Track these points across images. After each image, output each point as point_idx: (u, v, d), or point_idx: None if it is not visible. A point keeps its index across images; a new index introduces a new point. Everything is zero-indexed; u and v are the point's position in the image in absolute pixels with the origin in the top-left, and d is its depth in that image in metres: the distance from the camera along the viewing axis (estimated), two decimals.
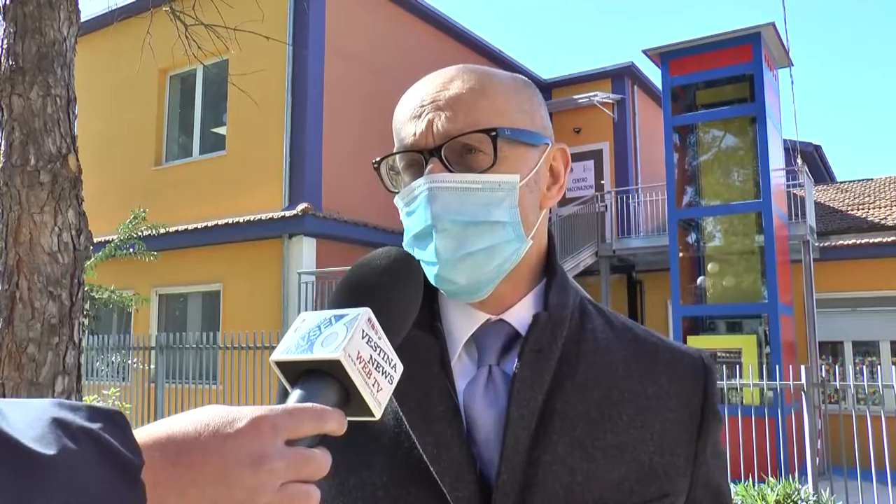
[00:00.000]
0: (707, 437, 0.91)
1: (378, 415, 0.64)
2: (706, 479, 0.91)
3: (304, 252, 10.81)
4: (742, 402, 9.46)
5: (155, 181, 12.70)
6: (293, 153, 11.33)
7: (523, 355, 0.85)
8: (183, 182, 12.44)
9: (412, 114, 0.89)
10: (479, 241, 0.85)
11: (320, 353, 0.61)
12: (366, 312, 0.65)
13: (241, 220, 11.01)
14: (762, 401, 7.98)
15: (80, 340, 3.10)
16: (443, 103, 0.87)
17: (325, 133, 11.27)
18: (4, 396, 2.92)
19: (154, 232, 9.07)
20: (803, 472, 6.94)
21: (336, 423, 0.60)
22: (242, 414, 0.57)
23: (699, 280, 11.97)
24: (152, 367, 9.59)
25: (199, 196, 12.04)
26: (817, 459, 7.35)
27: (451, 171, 0.85)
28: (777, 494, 5.43)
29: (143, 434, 0.56)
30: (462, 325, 0.90)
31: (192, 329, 11.17)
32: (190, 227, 11.41)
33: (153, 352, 9.63)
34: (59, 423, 0.50)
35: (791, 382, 7.01)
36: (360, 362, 0.62)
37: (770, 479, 5.76)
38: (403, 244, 0.91)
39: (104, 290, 8.70)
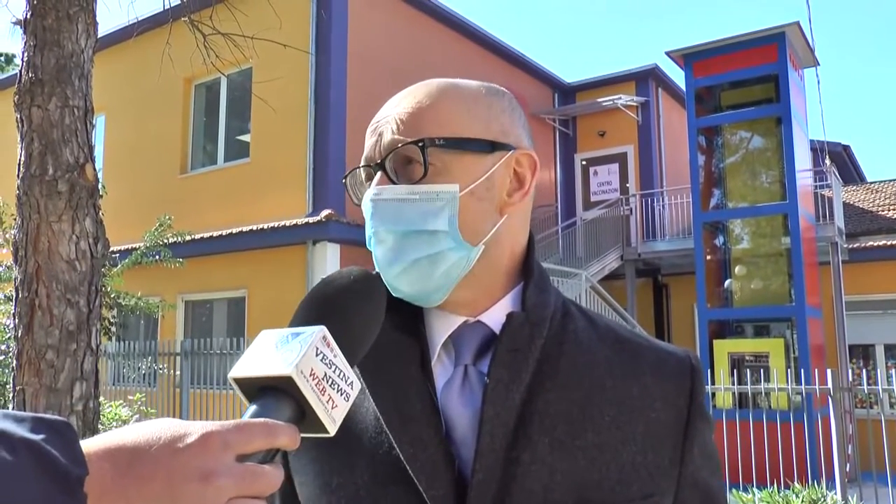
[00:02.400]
0: (694, 438, 0.91)
1: (332, 431, 0.64)
2: (693, 479, 0.90)
3: (329, 258, 10.87)
4: (769, 407, 9.35)
5: (180, 189, 12.86)
6: (316, 159, 11.41)
7: (498, 355, 0.86)
8: (208, 189, 12.58)
9: (370, 130, 0.94)
10: (417, 250, 0.87)
11: (273, 369, 0.62)
12: (321, 330, 0.66)
13: (266, 227, 11.10)
14: (789, 405, 7.86)
15: (97, 347, 3.15)
16: (391, 118, 0.91)
17: (348, 139, 11.34)
18: (24, 402, 2.98)
19: (180, 239, 9.18)
20: (832, 478, 6.83)
21: (287, 438, 0.60)
22: (193, 429, 0.57)
23: (726, 283, 11.84)
24: (178, 373, 9.70)
25: (223, 203, 12.16)
26: (847, 465, 7.22)
27: (395, 183, 0.88)
28: (802, 500, 5.35)
29: (95, 444, 0.56)
30: (441, 327, 0.92)
31: (218, 335, 11.27)
32: (215, 234, 11.53)
33: (178, 358, 9.74)
34: None
35: (817, 387, 6.90)
36: (313, 379, 0.63)
37: (795, 485, 5.68)
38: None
39: (131, 296, 8.83)
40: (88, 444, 0.56)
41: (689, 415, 0.91)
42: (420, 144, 0.87)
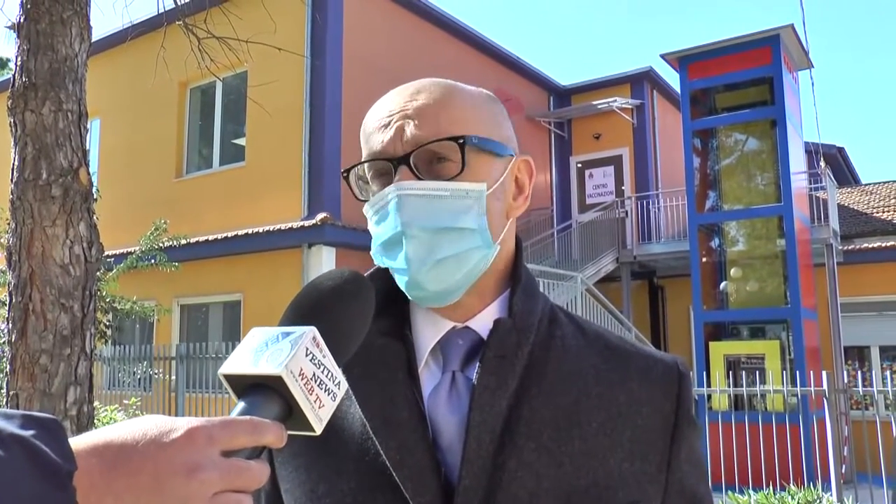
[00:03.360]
0: (681, 444, 0.91)
1: (318, 430, 0.65)
2: (680, 485, 0.90)
3: (324, 261, 10.85)
4: (765, 409, 9.36)
5: (176, 192, 12.84)
6: (312, 163, 11.40)
7: (485, 361, 0.86)
8: (203, 193, 12.56)
9: (380, 123, 0.90)
10: (448, 247, 0.86)
11: (263, 368, 0.63)
12: (311, 331, 0.66)
13: (261, 231, 11.09)
14: (785, 407, 7.87)
15: (91, 351, 3.14)
16: (411, 112, 0.88)
17: (344, 142, 11.33)
18: (18, 406, 2.96)
19: (175, 243, 9.15)
20: (828, 480, 6.84)
21: (273, 436, 0.61)
22: (179, 424, 0.58)
23: (721, 285, 11.86)
24: (173, 377, 9.68)
25: (219, 207, 12.15)
26: (842, 467, 7.23)
27: (419, 179, 0.86)
28: (798, 502, 5.35)
29: (83, 441, 0.57)
30: (428, 332, 0.91)
31: (214, 339, 11.25)
32: (210, 237, 11.51)
33: (174, 362, 9.71)
34: None
35: (813, 389, 6.91)
36: (302, 379, 0.64)
37: (791, 487, 5.68)
38: (372, 253, 0.92)
39: (126, 300, 8.79)
40: (77, 441, 0.57)
41: (676, 420, 0.91)
42: (461, 142, 0.86)
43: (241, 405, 0.64)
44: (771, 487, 5.86)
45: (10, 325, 3.07)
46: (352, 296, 0.76)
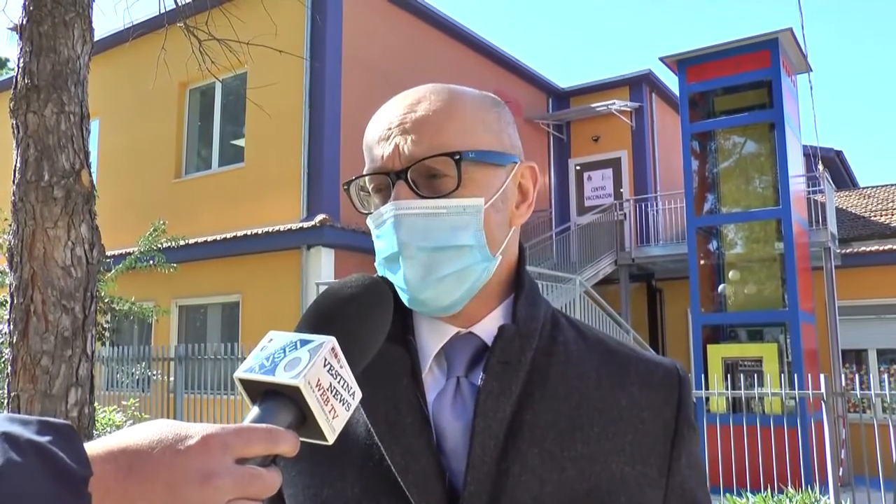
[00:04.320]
0: (681, 448, 0.91)
1: (331, 440, 0.66)
2: (681, 489, 0.91)
3: (323, 263, 10.85)
4: (763, 412, 9.37)
5: (175, 193, 12.84)
6: (311, 164, 11.40)
7: (489, 367, 0.86)
8: (202, 194, 12.56)
9: (380, 136, 0.89)
10: (446, 266, 0.86)
11: (281, 377, 0.63)
12: (330, 341, 0.66)
13: (260, 232, 11.09)
14: (783, 410, 7.89)
15: (92, 353, 3.15)
16: (409, 125, 0.87)
17: (343, 144, 11.34)
18: (19, 408, 2.97)
19: (174, 244, 9.15)
20: (826, 483, 6.85)
21: (288, 445, 0.62)
22: (194, 431, 0.59)
23: (720, 288, 11.88)
24: (172, 378, 9.68)
25: (218, 208, 12.14)
26: (840, 469, 7.25)
27: (417, 195, 0.86)
28: None
29: (98, 446, 0.58)
30: (432, 338, 0.92)
31: (212, 340, 11.24)
32: (209, 238, 11.50)
33: (172, 363, 9.71)
34: (6, 437, 0.53)
35: (811, 391, 6.92)
36: (318, 389, 0.64)
37: (789, 489, 5.70)
38: (376, 264, 0.92)
39: (125, 301, 8.80)
40: (92, 446, 0.57)
41: (676, 425, 0.92)
42: (457, 158, 0.85)
43: (255, 412, 0.64)
44: (769, 490, 5.88)
45: (12, 326, 3.08)
46: (372, 304, 0.77)
